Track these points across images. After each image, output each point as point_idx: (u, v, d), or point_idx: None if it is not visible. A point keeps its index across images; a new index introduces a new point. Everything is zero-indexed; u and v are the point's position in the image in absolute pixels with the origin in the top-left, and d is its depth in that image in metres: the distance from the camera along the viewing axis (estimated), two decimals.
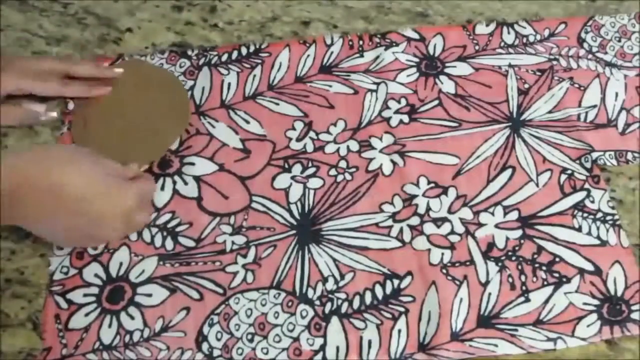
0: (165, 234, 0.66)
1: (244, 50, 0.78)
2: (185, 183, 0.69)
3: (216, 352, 0.61)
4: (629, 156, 0.72)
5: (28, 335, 0.61)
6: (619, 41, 0.81)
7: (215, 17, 0.81)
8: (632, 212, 0.70)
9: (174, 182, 0.69)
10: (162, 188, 0.68)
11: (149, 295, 0.63)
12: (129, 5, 0.81)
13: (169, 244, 0.66)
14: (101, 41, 0.78)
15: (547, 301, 0.64)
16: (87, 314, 0.62)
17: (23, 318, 0.62)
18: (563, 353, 0.62)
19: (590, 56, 0.79)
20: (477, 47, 0.79)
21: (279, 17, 0.81)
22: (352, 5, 0.83)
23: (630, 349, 0.63)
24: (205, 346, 0.61)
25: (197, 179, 0.69)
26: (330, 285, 0.64)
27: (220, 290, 0.63)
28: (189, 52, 0.77)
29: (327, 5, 0.83)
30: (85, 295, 0.63)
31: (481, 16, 0.82)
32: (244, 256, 0.65)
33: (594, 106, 0.75)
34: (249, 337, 0.61)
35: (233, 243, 0.66)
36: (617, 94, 0.76)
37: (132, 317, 0.62)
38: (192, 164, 0.70)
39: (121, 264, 0.65)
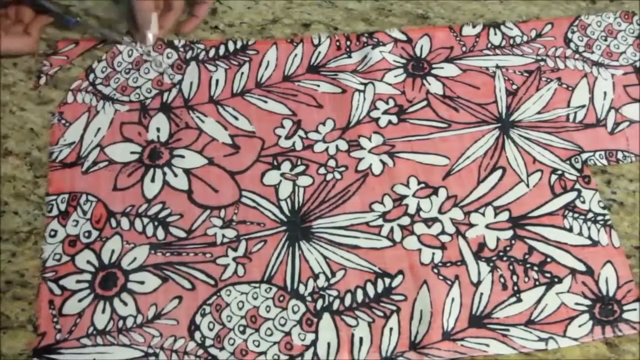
0: (156, 223, 0.66)
1: (231, 46, 0.77)
2: (175, 175, 0.68)
3: (208, 342, 0.61)
4: (619, 155, 0.72)
5: (28, 337, 0.61)
6: (605, 40, 0.81)
7: (215, 19, 0.80)
8: (633, 214, 0.70)
9: (164, 174, 0.68)
10: (153, 179, 0.68)
11: (142, 282, 0.63)
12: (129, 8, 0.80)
13: (160, 234, 0.65)
14: (102, 43, 0.77)
15: (539, 301, 0.64)
16: (80, 300, 0.62)
17: (23, 320, 0.61)
18: (564, 355, 0.62)
19: (577, 56, 0.79)
20: (464, 49, 0.79)
21: (280, 19, 0.81)
22: (352, 7, 0.82)
23: (631, 350, 0.63)
24: (197, 335, 0.61)
25: (187, 171, 0.69)
26: (321, 282, 0.64)
27: (212, 282, 0.63)
28: (176, 43, 0.77)
29: (327, 7, 0.82)
30: (78, 281, 0.63)
31: (482, 18, 0.82)
32: (235, 249, 0.65)
33: (583, 106, 0.75)
34: (241, 328, 0.61)
35: (223, 236, 0.66)
36: (605, 93, 0.76)
37: (125, 303, 0.62)
38: (182, 156, 0.69)
39: (113, 251, 0.64)
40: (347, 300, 0.63)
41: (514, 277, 0.65)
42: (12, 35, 0.73)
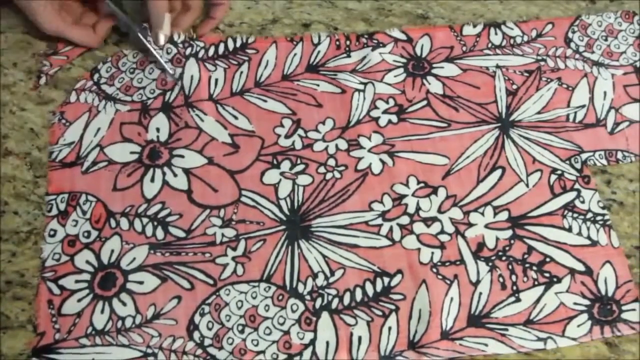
0: (155, 223, 0.66)
1: (230, 44, 0.77)
2: (175, 175, 0.68)
3: (207, 341, 0.61)
4: (619, 155, 0.72)
5: (28, 337, 0.61)
6: (606, 40, 0.80)
7: None
8: (633, 214, 0.70)
9: (164, 174, 0.68)
10: (152, 179, 0.68)
11: (141, 282, 0.63)
12: (129, 8, 0.80)
13: (160, 234, 0.65)
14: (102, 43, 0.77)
15: (537, 301, 0.64)
16: (79, 300, 0.62)
17: (23, 320, 0.62)
18: (564, 354, 0.62)
19: (577, 56, 0.79)
20: (464, 48, 0.79)
21: (280, 19, 0.81)
22: (352, 7, 0.82)
23: (631, 350, 0.63)
24: (196, 335, 0.61)
25: (187, 171, 0.69)
26: (320, 281, 0.64)
27: (211, 281, 0.63)
28: (175, 37, 0.76)
29: (327, 7, 0.82)
30: (77, 281, 0.63)
31: (482, 18, 0.82)
32: (234, 249, 0.65)
33: (583, 106, 0.75)
34: (240, 328, 0.61)
35: (223, 235, 0.66)
36: (605, 93, 0.76)
37: (124, 304, 0.62)
38: (182, 156, 0.70)
39: (112, 251, 0.65)
40: (346, 299, 0.63)
41: (513, 277, 0.65)
42: (80, 27, 0.74)
